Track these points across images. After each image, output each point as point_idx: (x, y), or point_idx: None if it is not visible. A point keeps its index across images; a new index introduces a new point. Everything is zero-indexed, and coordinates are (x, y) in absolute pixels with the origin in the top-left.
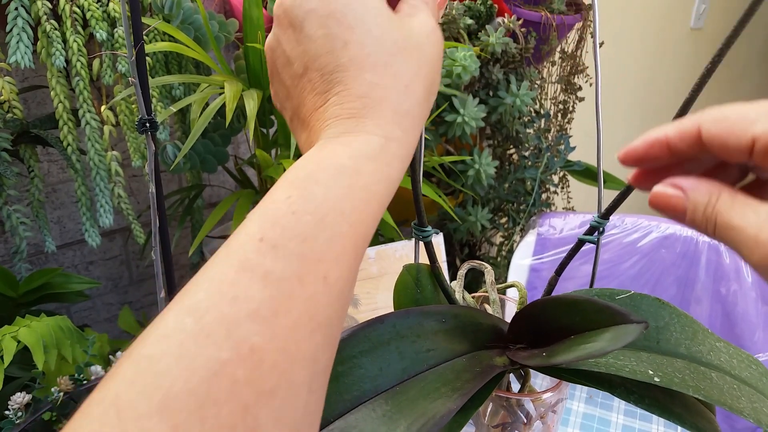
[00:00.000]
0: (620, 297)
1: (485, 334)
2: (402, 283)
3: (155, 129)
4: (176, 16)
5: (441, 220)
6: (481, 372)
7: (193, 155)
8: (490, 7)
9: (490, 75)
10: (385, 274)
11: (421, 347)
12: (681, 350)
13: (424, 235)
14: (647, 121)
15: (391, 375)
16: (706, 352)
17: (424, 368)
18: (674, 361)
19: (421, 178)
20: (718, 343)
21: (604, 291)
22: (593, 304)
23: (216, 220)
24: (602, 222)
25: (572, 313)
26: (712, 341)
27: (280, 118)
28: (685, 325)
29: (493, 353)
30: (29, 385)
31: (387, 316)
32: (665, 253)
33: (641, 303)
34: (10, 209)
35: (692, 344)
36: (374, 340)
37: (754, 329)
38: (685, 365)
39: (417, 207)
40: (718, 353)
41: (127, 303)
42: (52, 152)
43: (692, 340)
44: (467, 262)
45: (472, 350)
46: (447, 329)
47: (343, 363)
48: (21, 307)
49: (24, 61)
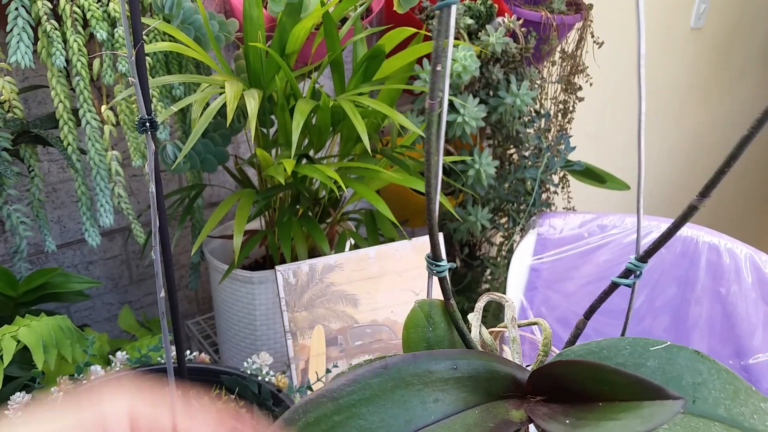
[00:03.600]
0: (655, 348)
1: (501, 383)
2: (413, 320)
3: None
4: (176, 16)
5: (441, 219)
6: (495, 428)
7: (194, 155)
8: (490, 7)
9: (490, 75)
10: (385, 274)
11: (428, 397)
12: (720, 411)
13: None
14: (649, 120)
15: (393, 427)
16: (749, 414)
17: (431, 421)
18: (712, 424)
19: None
20: (763, 403)
21: (637, 341)
22: (623, 377)
23: (216, 220)
24: (640, 265)
25: (600, 382)
26: (756, 401)
27: (281, 117)
28: (726, 383)
29: (509, 405)
30: (29, 384)
31: (392, 360)
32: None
33: (677, 356)
34: (10, 209)
35: (733, 405)
36: (376, 388)
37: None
38: (725, 430)
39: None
40: (763, 416)
41: (127, 303)
42: (53, 152)
43: (733, 400)
44: (486, 294)
45: (485, 401)
46: (458, 377)
47: (340, 412)
48: (21, 306)
49: (24, 61)
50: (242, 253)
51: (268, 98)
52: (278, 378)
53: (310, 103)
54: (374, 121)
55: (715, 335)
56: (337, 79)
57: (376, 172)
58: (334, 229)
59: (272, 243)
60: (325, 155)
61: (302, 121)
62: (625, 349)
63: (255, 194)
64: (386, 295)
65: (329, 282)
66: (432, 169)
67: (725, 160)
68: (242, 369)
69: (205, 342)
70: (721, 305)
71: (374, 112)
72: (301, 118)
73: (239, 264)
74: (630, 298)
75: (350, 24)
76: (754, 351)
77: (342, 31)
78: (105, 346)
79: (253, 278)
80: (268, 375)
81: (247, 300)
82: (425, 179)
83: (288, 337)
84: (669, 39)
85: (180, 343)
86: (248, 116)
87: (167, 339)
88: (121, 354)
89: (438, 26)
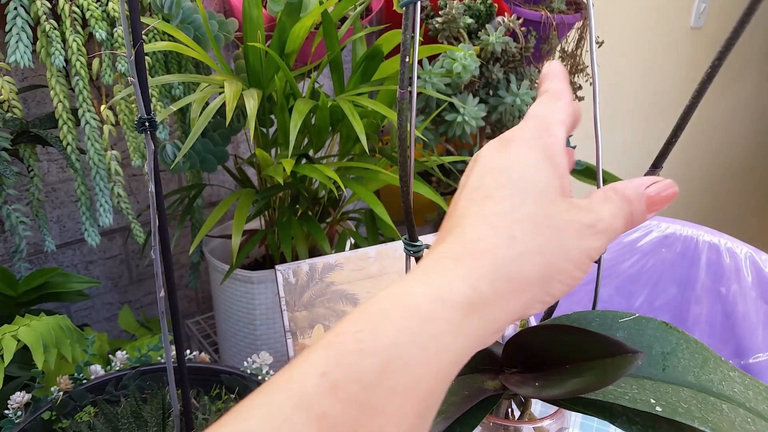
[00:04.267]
0: (624, 320)
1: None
2: None
3: (155, 128)
4: (176, 16)
5: (440, 219)
6: (469, 395)
7: (193, 154)
8: (490, 7)
9: (490, 74)
10: (385, 273)
11: None
12: (689, 378)
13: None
14: (648, 120)
15: None
16: (718, 381)
17: None
18: (680, 390)
19: (411, 190)
20: (732, 372)
21: (606, 313)
22: (587, 335)
23: (216, 219)
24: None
25: (565, 344)
26: (725, 370)
27: (280, 117)
28: (694, 352)
29: (485, 377)
30: (29, 384)
31: None
32: (665, 253)
33: (646, 327)
34: (9, 208)
35: (702, 372)
36: None
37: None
38: (693, 395)
39: (407, 220)
40: (731, 383)
41: (127, 302)
42: (52, 151)
43: (702, 368)
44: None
45: (463, 373)
46: None
47: None
48: (21, 306)
49: (23, 61)
50: (242, 253)
51: (268, 98)
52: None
53: (309, 102)
54: (373, 121)
55: (715, 335)
56: (336, 79)
57: (375, 172)
58: (334, 228)
59: (272, 242)
60: (325, 155)
61: (301, 121)
62: (594, 320)
63: (254, 194)
64: None
65: (329, 281)
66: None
67: (672, 130)
68: (242, 368)
69: (205, 341)
70: (721, 305)
71: (373, 112)
72: (299, 118)
73: (239, 264)
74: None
75: (349, 23)
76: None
77: (341, 31)
78: (105, 345)
79: (253, 278)
80: (268, 375)
81: (247, 299)
82: (399, 163)
83: (288, 337)
84: (669, 38)
85: (180, 343)
86: (247, 116)
87: (167, 339)
88: (121, 353)
89: (405, 21)
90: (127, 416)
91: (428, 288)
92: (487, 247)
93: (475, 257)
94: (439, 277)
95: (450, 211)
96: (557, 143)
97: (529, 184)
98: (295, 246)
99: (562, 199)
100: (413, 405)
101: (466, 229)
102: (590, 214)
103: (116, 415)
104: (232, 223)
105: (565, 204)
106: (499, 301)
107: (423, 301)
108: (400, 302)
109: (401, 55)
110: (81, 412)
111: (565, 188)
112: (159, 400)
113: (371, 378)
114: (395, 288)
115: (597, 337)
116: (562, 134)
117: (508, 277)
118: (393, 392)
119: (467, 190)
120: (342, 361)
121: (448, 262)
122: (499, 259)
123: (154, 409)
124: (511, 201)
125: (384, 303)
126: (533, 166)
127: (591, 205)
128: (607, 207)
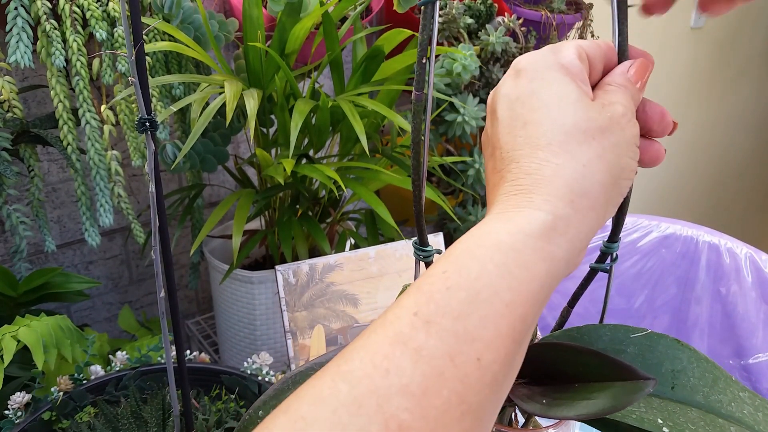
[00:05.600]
0: (635, 335)
1: None
2: None
3: (155, 128)
4: (176, 16)
5: (441, 219)
6: None
7: (193, 155)
8: (490, 7)
9: (490, 74)
10: (385, 274)
11: None
12: (698, 398)
13: (425, 255)
14: None
15: None
16: (727, 402)
17: None
18: (689, 410)
19: (423, 196)
20: (743, 393)
21: (618, 327)
22: (597, 358)
23: (216, 219)
24: (612, 246)
25: (575, 364)
26: (735, 390)
27: (280, 117)
28: (705, 371)
29: None
30: (29, 384)
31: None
32: (665, 253)
33: (657, 343)
34: (10, 208)
35: (711, 392)
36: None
37: (754, 329)
38: (701, 415)
39: (418, 224)
40: (740, 404)
41: (127, 302)
42: (52, 151)
43: (712, 387)
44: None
45: None
46: None
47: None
48: (21, 306)
49: (24, 61)
50: (242, 253)
51: (268, 98)
52: (278, 378)
53: (309, 103)
54: (374, 121)
55: (715, 335)
56: (336, 79)
57: (376, 172)
58: (334, 228)
59: (272, 243)
60: (325, 155)
61: (301, 121)
62: (605, 335)
63: (255, 194)
64: (386, 294)
65: (329, 282)
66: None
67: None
68: (242, 369)
69: (205, 342)
70: (721, 305)
71: (374, 113)
72: (300, 118)
73: (239, 264)
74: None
75: (350, 23)
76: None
77: (341, 31)
78: (105, 346)
79: (253, 278)
80: (268, 375)
81: (247, 300)
82: (412, 167)
83: (288, 337)
84: (669, 39)
85: (180, 343)
86: (248, 116)
87: (167, 339)
88: (121, 354)
89: (423, 21)
90: (127, 417)
91: (508, 224)
92: (552, 170)
93: (544, 184)
94: (515, 212)
95: (491, 151)
96: (568, 58)
97: (560, 98)
98: (295, 246)
99: (592, 102)
100: (508, 330)
101: (522, 161)
102: (615, 105)
103: (116, 416)
104: (232, 223)
105: (597, 104)
106: (581, 218)
107: (505, 236)
108: (483, 241)
109: (418, 55)
110: (81, 412)
111: (589, 93)
112: (159, 400)
113: (462, 310)
114: (475, 231)
115: (608, 360)
116: (572, 52)
117: (582, 193)
118: (485, 320)
119: (502, 125)
120: (432, 298)
121: (521, 198)
122: (569, 178)
123: (154, 409)
124: (551, 119)
125: (467, 243)
126: (556, 82)
127: (607, 99)
128: (617, 96)
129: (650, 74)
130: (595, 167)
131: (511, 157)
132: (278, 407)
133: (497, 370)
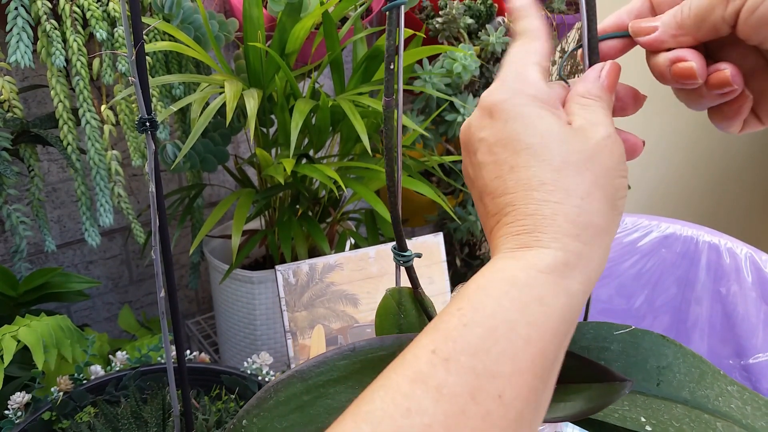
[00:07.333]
0: (619, 332)
1: None
2: (384, 308)
3: (155, 128)
4: (176, 16)
5: (441, 219)
6: None
7: (193, 154)
8: (490, 7)
9: (490, 74)
10: (385, 274)
11: None
12: (683, 394)
13: (404, 259)
14: (648, 119)
15: None
16: (714, 397)
17: None
18: (674, 406)
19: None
20: (731, 386)
21: (602, 325)
22: (575, 359)
23: (216, 219)
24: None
25: None
26: (723, 384)
27: (281, 117)
28: (691, 366)
29: None
30: (29, 384)
31: (360, 343)
32: (665, 253)
33: (642, 340)
34: (10, 208)
35: (698, 388)
36: (343, 369)
37: (754, 329)
38: (686, 412)
39: (396, 229)
40: (728, 398)
41: (127, 302)
42: (52, 151)
43: (699, 382)
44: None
45: None
46: None
47: (308, 392)
48: (21, 306)
49: (24, 61)
50: (242, 253)
51: (268, 98)
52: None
53: (309, 102)
54: (374, 121)
55: (715, 335)
56: (336, 79)
57: (376, 172)
58: (334, 228)
59: (272, 243)
60: (325, 155)
61: (301, 121)
62: (588, 333)
63: (255, 194)
64: None
65: (329, 282)
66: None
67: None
68: (242, 369)
69: (205, 342)
70: (721, 305)
71: (374, 112)
72: (300, 118)
73: (239, 264)
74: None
75: (350, 24)
76: (754, 351)
77: (342, 31)
78: (105, 345)
79: (253, 278)
80: (268, 375)
81: (247, 300)
82: (386, 174)
83: (288, 337)
84: None
85: (180, 343)
86: (248, 116)
87: (167, 339)
88: (121, 354)
89: (389, 26)
90: (127, 417)
91: (519, 261)
92: (552, 209)
93: (547, 224)
94: (524, 251)
95: (479, 196)
96: (536, 86)
97: (542, 135)
98: (295, 246)
99: (573, 130)
100: (528, 366)
101: (518, 203)
102: (597, 128)
103: (116, 416)
104: (232, 223)
105: (580, 134)
106: (590, 249)
107: (518, 272)
108: (496, 277)
109: (386, 61)
110: (81, 412)
111: (565, 118)
112: (159, 400)
113: (480, 346)
114: (486, 270)
115: (585, 361)
116: (537, 76)
117: (585, 225)
118: (504, 355)
119: (486, 169)
120: (449, 336)
121: (526, 237)
122: (570, 214)
123: (154, 409)
124: (538, 160)
125: (480, 281)
126: (533, 119)
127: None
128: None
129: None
130: (592, 197)
131: (505, 201)
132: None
133: (521, 408)
